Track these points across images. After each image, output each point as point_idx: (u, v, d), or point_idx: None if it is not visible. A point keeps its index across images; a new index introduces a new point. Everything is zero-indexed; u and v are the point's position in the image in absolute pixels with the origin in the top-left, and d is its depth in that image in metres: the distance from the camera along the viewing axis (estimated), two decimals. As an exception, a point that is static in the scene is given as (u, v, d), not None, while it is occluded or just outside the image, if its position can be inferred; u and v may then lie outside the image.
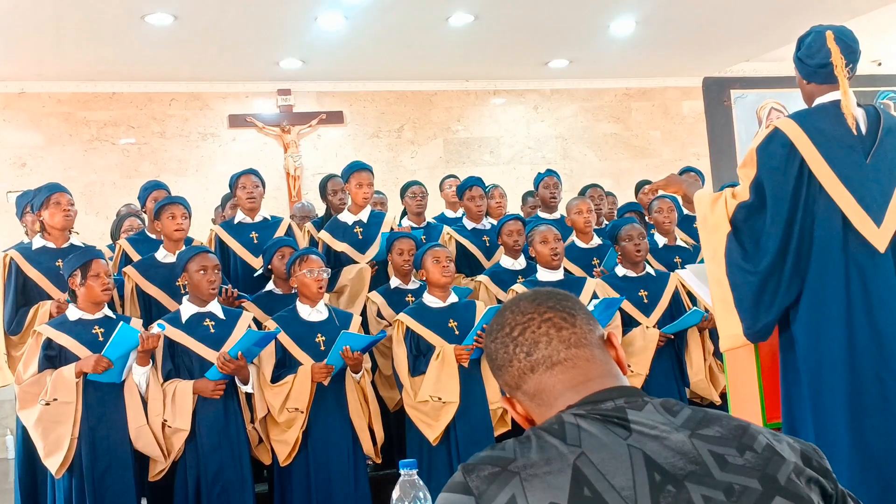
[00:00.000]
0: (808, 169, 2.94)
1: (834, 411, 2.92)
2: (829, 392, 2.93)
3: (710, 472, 1.25)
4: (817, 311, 2.95)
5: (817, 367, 2.95)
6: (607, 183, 9.35)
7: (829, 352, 2.93)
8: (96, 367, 4.15)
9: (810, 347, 2.96)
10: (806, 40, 3.10)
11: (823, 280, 2.94)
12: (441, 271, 4.82)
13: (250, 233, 5.58)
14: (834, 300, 2.93)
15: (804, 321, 2.98)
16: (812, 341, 2.96)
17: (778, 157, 2.96)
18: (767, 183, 2.97)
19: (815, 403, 2.95)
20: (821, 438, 2.89)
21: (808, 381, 2.97)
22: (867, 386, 2.90)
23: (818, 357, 2.95)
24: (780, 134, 2.98)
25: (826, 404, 2.93)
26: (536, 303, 1.45)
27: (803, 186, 2.95)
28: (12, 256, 4.89)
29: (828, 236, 2.94)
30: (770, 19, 8.46)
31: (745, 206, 3.02)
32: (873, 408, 2.90)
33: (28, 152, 8.72)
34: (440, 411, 4.61)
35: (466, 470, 1.30)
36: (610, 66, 9.98)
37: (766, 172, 2.98)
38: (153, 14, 7.00)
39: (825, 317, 2.94)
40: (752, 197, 3.00)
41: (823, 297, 2.94)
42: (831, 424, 2.92)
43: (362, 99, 9.85)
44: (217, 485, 4.36)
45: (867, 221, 2.92)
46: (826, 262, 2.94)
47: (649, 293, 5.25)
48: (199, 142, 9.31)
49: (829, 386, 2.92)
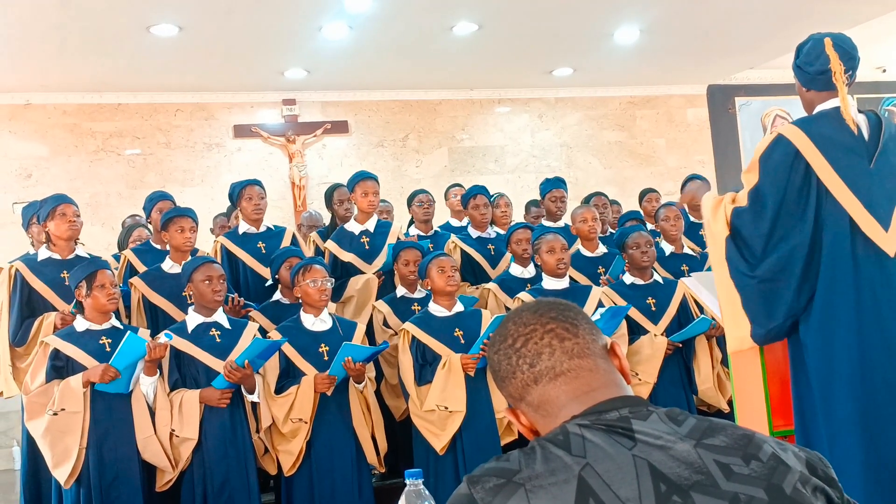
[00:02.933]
0: (814, 175, 2.94)
1: (846, 420, 2.90)
2: (840, 400, 2.91)
3: (715, 481, 1.24)
4: (827, 317, 2.94)
5: (828, 375, 2.93)
6: (612, 191, 9.34)
7: (840, 359, 2.92)
8: (104, 377, 4.16)
9: (821, 355, 2.95)
10: (805, 48, 3.10)
11: (833, 286, 2.93)
12: (446, 280, 4.83)
13: (257, 242, 5.58)
14: (844, 306, 2.92)
15: (814, 328, 2.96)
16: (823, 349, 2.95)
17: (782, 164, 2.96)
18: (770, 190, 2.97)
19: (827, 412, 2.93)
20: (834, 448, 2.88)
21: (819, 390, 2.95)
22: (878, 393, 2.89)
23: (829, 365, 2.94)
24: (784, 140, 2.98)
25: (838, 413, 2.91)
26: (539, 314, 1.45)
27: (809, 193, 2.95)
28: (17, 268, 4.89)
29: (836, 242, 2.93)
30: (774, 27, 8.46)
31: (741, 211, 3.02)
32: (885, 415, 2.89)
33: (34, 163, 8.75)
34: (446, 420, 4.61)
35: (471, 481, 1.30)
36: (614, 74, 9.98)
37: (769, 179, 2.98)
38: (158, 25, 7.03)
39: (835, 323, 2.93)
40: (749, 203, 3.01)
41: (833, 304, 2.93)
42: (844, 433, 2.90)
43: (367, 108, 9.86)
44: (223, 494, 4.36)
45: (875, 226, 2.92)
46: (835, 269, 2.93)
47: (657, 301, 5.24)
48: (205, 152, 9.33)
49: (841, 394, 2.91)
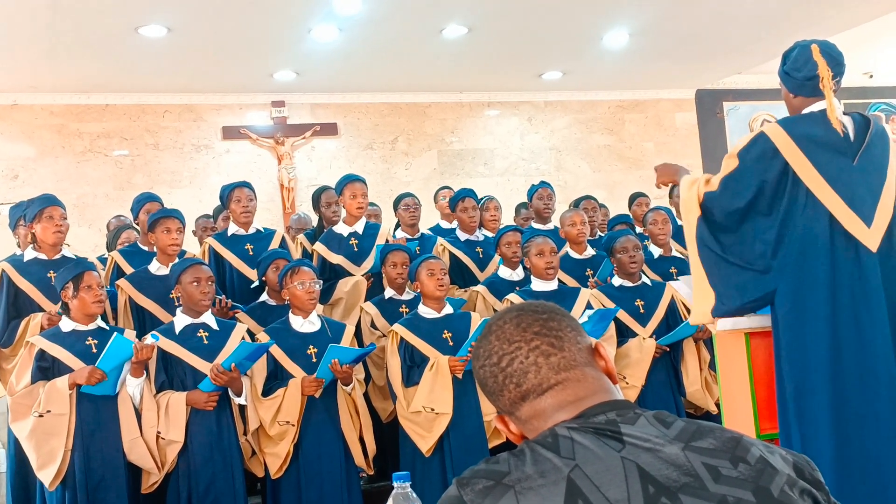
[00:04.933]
0: (791, 173, 2.98)
1: (818, 417, 2.92)
2: (812, 397, 2.94)
3: (704, 484, 1.25)
4: (802, 313, 2.97)
5: (802, 371, 2.96)
6: (601, 194, 9.35)
7: (814, 355, 2.95)
8: (90, 378, 4.13)
9: (795, 351, 2.98)
10: (792, 54, 3.13)
11: (808, 282, 2.97)
12: (436, 284, 4.83)
13: (245, 244, 5.57)
14: (820, 302, 2.95)
15: (789, 324, 2.99)
16: (797, 344, 2.98)
17: (759, 160, 3.02)
18: (743, 182, 3.03)
19: (799, 409, 2.96)
20: (807, 445, 2.90)
21: (793, 387, 2.98)
22: (850, 390, 2.91)
23: (803, 361, 2.97)
24: (764, 138, 3.03)
25: (811, 409, 2.94)
26: (522, 328, 1.43)
27: (783, 190, 3.00)
28: (4, 268, 4.88)
29: (812, 238, 2.97)
30: (762, 32, 8.50)
31: (713, 196, 3.09)
32: (857, 413, 2.90)
33: (21, 164, 8.71)
34: (433, 422, 4.60)
35: (461, 484, 1.30)
36: (603, 78, 10.00)
37: (744, 173, 3.03)
38: (147, 26, 7.01)
39: (811, 319, 2.96)
40: (719, 189, 3.08)
41: (809, 299, 2.97)
42: (815, 431, 2.92)
43: (356, 111, 9.86)
44: (209, 496, 4.34)
45: (856, 221, 2.95)
46: (811, 264, 2.97)
47: (645, 303, 5.27)
48: (193, 153, 9.30)
49: (813, 390, 2.94)
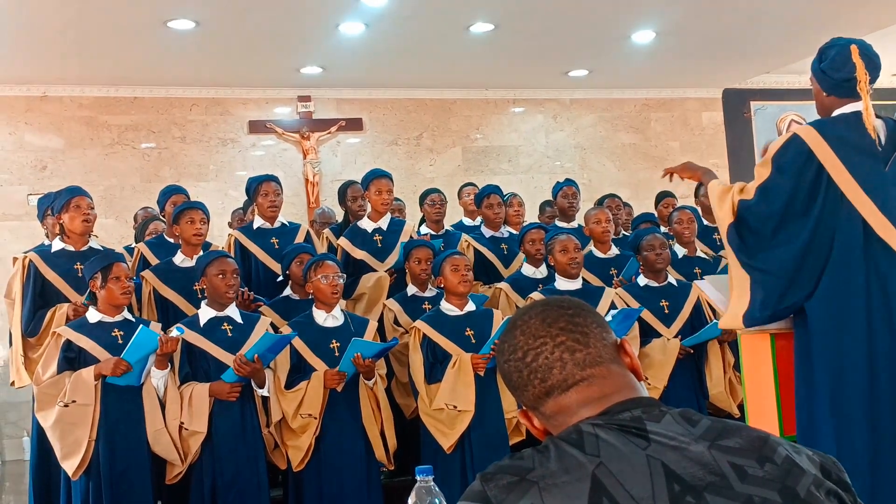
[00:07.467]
0: (826, 176, 2.95)
1: (856, 421, 2.90)
2: (850, 402, 2.91)
3: (729, 483, 1.24)
4: (838, 319, 2.94)
5: (838, 376, 2.93)
6: (626, 193, 9.32)
7: (850, 361, 2.92)
8: (115, 369, 4.17)
9: (831, 357, 2.95)
10: (830, 53, 3.08)
11: (844, 288, 2.94)
12: (459, 279, 4.82)
13: (270, 238, 5.59)
14: (855, 308, 2.92)
15: (824, 329, 2.96)
16: (833, 350, 2.95)
17: (794, 163, 2.98)
18: (780, 188, 2.99)
19: (835, 414, 2.93)
20: (843, 451, 2.87)
21: (827, 393, 2.95)
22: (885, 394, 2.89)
23: (839, 366, 2.93)
24: (797, 140, 3.00)
25: (848, 414, 2.91)
26: (547, 323, 1.42)
27: (820, 194, 2.96)
28: (31, 259, 4.92)
29: (847, 243, 2.94)
30: (791, 31, 8.43)
31: (749, 204, 3.06)
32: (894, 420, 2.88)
33: (49, 155, 8.78)
34: (455, 419, 4.60)
35: (485, 478, 1.30)
36: (630, 76, 9.95)
37: (780, 177, 3.00)
38: (175, 20, 7.04)
39: (847, 325, 2.93)
40: (756, 197, 3.05)
41: (844, 305, 2.93)
42: (853, 435, 2.90)
43: (382, 106, 9.86)
44: (233, 488, 4.37)
45: (889, 228, 2.93)
46: (846, 270, 2.94)
47: (670, 303, 5.24)
48: (219, 147, 9.34)
49: (851, 395, 2.91)
